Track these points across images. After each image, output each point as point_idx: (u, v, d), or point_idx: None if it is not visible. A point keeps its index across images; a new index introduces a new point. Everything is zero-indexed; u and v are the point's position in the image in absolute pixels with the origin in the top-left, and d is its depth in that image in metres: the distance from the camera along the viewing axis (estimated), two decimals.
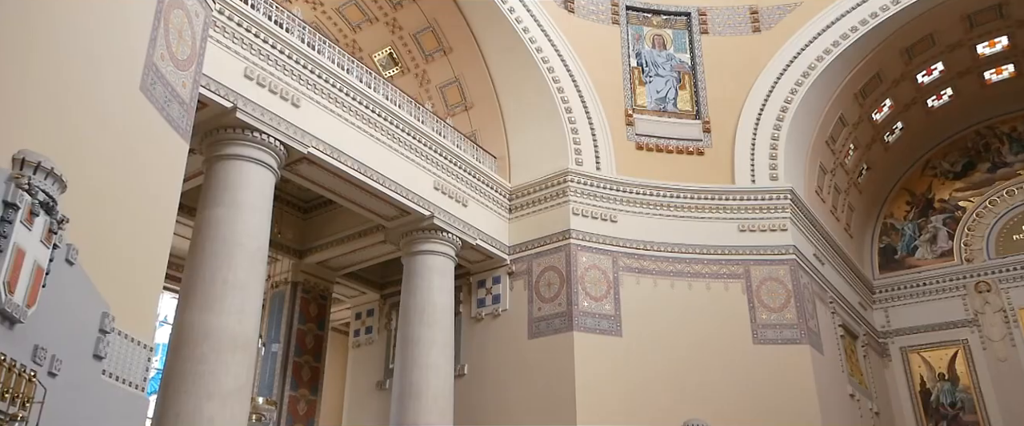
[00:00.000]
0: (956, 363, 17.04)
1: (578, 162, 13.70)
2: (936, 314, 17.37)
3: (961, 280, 17.28)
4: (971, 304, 17.04)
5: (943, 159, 18.30)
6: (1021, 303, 16.52)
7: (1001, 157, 17.59)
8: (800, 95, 14.39)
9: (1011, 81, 16.30)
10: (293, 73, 10.25)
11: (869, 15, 14.14)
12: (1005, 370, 16.36)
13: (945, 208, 18.04)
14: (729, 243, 13.84)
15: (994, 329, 16.61)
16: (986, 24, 14.65)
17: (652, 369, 12.75)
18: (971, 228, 17.55)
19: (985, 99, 16.90)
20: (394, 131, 11.79)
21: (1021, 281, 16.61)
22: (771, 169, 14.17)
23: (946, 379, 17.09)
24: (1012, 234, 17.07)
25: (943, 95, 16.74)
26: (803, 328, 13.29)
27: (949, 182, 18.14)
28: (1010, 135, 17.53)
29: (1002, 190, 17.40)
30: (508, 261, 13.67)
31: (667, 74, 15.09)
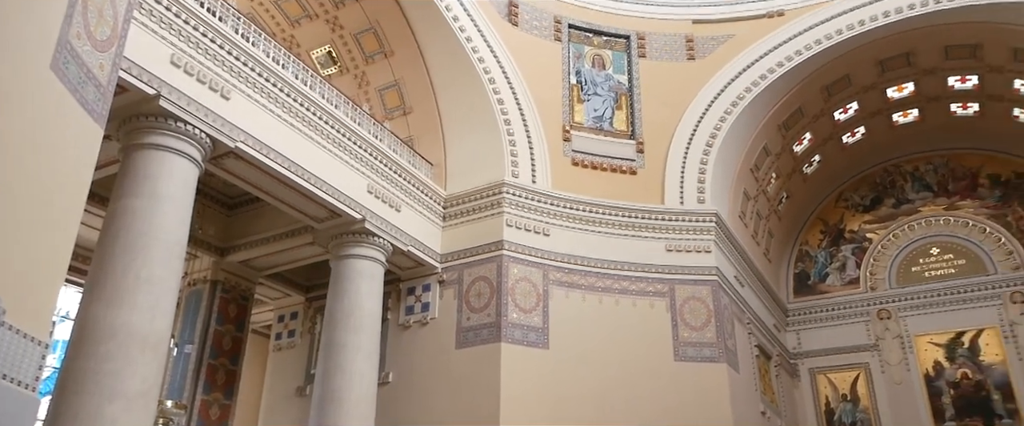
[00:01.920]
0: (858, 385, 17.60)
1: (514, 174, 13.46)
2: (842, 338, 17.90)
3: (865, 307, 17.90)
4: (873, 330, 17.66)
5: (854, 192, 18.97)
6: (916, 330, 17.19)
7: (904, 194, 18.39)
8: (729, 123, 14.64)
9: (916, 124, 17.05)
10: (224, 64, 9.60)
11: (794, 52, 14.51)
12: (900, 392, 16.99)
13: (854, 238, 18.71)
14: (656, 262, 13.86)
15: (892, 354, 17.26)
16: (896, 70, 15.24)
17: (577, 382, 12.52)
18: (876, 258, 18.26)
19: (893, 139, 17.62)
20: (329, 131, 11.23)
21: (917, 310, 17.31)
22: (699, 192, 14.32)
23: (848, 400, 17.62)
24: (911, 266, 17.84)
25: (857, 133, 17.33)
26: (722, 347, 13.40)
27: (859, 214, 18.81)
28: (913, 174, 18.35)
29: (904, 225, 18.19)
30: (439, 269, 13.25)
31: (605, 94, 15.09)
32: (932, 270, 17.57)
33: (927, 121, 16.84)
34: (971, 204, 17.49)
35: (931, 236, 17.76)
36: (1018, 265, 16.64)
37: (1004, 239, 16.94)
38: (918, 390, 16.87)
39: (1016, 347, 16.06)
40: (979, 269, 17.02)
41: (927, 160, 18.15)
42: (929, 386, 16.81)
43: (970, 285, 16.91)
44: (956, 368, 16.64)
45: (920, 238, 17.88)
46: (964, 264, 17.22)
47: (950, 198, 17.77)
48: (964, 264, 17.22)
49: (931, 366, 16.92)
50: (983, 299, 16.72)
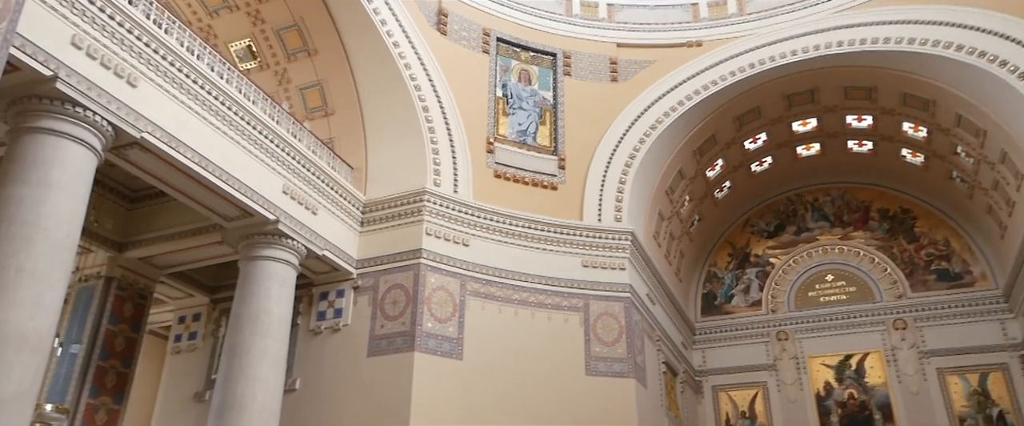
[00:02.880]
0: (756, 402, 18.19)
1: (436, 183, 13.22)
2: (744, 357, 18.43)
3: (766, 328, 18.54)
4: (772, 350, 18.31)
5: (760, 219, 19.69)
6: (811, 352, 17.92)
7: (805, 223, 19.23)
8: (647, 146, 14.92)
9: (817, 158, 17.89)
10: (133, 50, 8.95)
11: (710, 82, 14.96)
12: (793, 411, 17.64)
13: (758, 262, 19.42)
14: (572, 277, 13.89)
15: (788, 374, 17.93)
16: (801, 106, 15.94)
17: (490, 394, 12.31)
18: (777, 282, 19.01)
19: (796, 171, 18.42)
20: (244, 127, 10.65)
21: (812, 332, 18.06)
22: (616, 211, 14.50)
23: (747, 417, 18.17)
24: (808, 291, 18.64)
25: (764, 162, 18.01)
26: (631, 363, 13.54)
27: (763, 240, 19.52)
28: (813, 204, 19.23)
29: (803, 251, 19.02)
30: (355, 275, 12.80)
31: (530, 109, 15.11)
32: (826, 295, 18.41)
33: (827, 155, 17.70)
34: (863, 235, 18.49)
35: (827, 263, 18.64)
36: (901, 294, 17.66)
37: (889, 269, 17.96)
38: (810, 409, 17.55)
39: (896, 370, 16.99)
40: (867, 296, 17.96)
41: (826, 192, 19.05)
42: (820, 405, 17.52)
43: (859, 311, 17.80)
44: (844, 388, 17.42)
45: (817, 265, 18.73)
46: (855, 291, 18.14)
47: (845, 228, 18.70)
48: (855, 291, 18.14)
49: (822, 386, 17.64)
50: (870, 324, 17.60)
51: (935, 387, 16.59)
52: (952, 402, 16.41)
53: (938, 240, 17.76)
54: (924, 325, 17.11)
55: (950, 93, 13.64)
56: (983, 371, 16.36)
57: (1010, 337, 16.18)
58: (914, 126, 15.51)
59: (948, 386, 16.58)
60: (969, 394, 16.33)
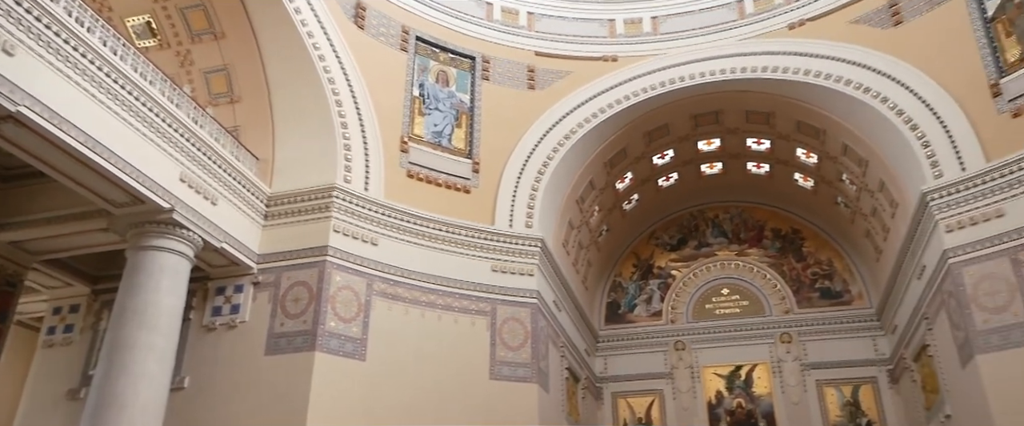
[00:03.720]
0: (652, 409, 18.67)
1: (347, 179, 12.78)
2: (643, 365, 18.85)
3: (665, 338, 19.04)
4: (669, 359, 18.84)
5: (664, 232, 20.24)
6: (705, 362, 18.53)
7: (705, 238, 19.96)
8: (560, 155, 15.04)
9: (720, 176, 18.58)
10: (11, 16, 8.08)
11: (623, 96, 15.21)
12: (687, 418, 18.16)
13: (661, 274, 19.97)
14: (481, 281, 13.77)
15: (683, 382, 18.49)
16: (707, 126, 16.50)
17: (393, 396, 11.97)
18: (678, 294, 19.61)
19: (700, 188, 19.06)
20: (139, 108, 9.87)
21: (707, 344, 18.69)
22: (528, 217, 14.52)
23: (643, 423, 18.61)
24: (705, 303, 19.32)
25: (671, 178, 18.54)
26: (535, 368, 13.56)
27: (667, 253, 20.09)
28: (713, 221, 19.98)
29: (703, 265, 19.71)
30: (255, 270, 12.15)
31: (446, 110, 14.92)
32: (722, 308, 19.14)
33: (728, 175, 18.42)
34: (757, 252, 19.37)
35: (724, 278, 19.39)
36: (788, 309, 18.59)
37: (779, 286, 18.90)
38: (701, 416, 18.13)
39: (781, 381, 17.83)
40: (759, 310, 18.80)
41: (726, 209, 19.81)
42: (711, 413, 18.15)
43: (750, 324, 18.59)
44: (733, 398, 18.12)
45: (715, 279, 19.47)
46: (747, 305, 18.95)
47: (741, 245, 19.52)
48: (747, 305, 18.95)
49: (714, 395, 18.29)
50: (759, 337, 18.38)
51: (814, 398, 17.51)
52: (828, 412, 17.37)
53: (823, 260, 18.82)
54: (807, 339, 18.03)
55: (839, 124, 14.50)
56: (856, 384, 17.41)
57: (880, 353, 17.30)
58: (806, 152, 16.39)
59: (825, 397, 17.54)
60: (843, 405, 17.34)
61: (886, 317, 16.83)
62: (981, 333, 11.27)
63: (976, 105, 12.26)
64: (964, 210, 11.98)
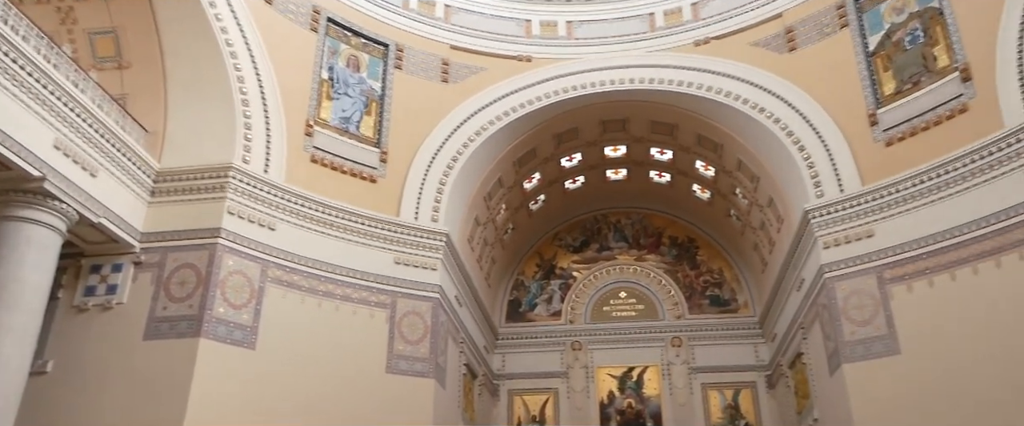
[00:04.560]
0: (546, 407, 18.95)
1: (245, 159, 12.19)
2: (541, 364, 19.07)
3: (563, 338, 19.37)
4: (566, 359, 19.17)
5: (568, 234, 20.59)
6: (600, 363, 18.97)
7: (607, 242, 20.47)
8: (470, 150, 15.00)
9: (624, 183, 19.06)
10: None
11: (536, 97, 15.34)
12: (579, 417, 18.50)
13: (562, 275, 20.30)
14: (383, 272, 13.51)
15: (578, 382, 18.87)
16: (614, 133, 16.90)
17: (284, 388, 11.54)
18: (578, 295, 20.01)
19: (605, 192, 19.48)
20: (8, 65, 8.96)
21: (603, 345, 19.14)
22: (434, 211, 14.38)
23: (537, 421, 18.84)
24: (603, 305, 19.82)
25: (577, 181, 18.86)
26: (433, 363, 13.44)
27: (569, 254, 20.45)
28: (615, 225, 20.51)
29: (603, 268, 20.20)
30: (137, 249, 11.38)
31: (356, 96, 14.54)
32: (619, 311, 19.69)
33: (632, 181, 18.95)
34: (655, 258, 20.06)
35: (622, 281, 19.96)
36: (680, 315, 19.34)
37: (673, 291, 19.65)
38: (593, 415, 18.55)
39: (669, 384, 18.53)
40: (653, 315, 19.46)
41: (627, 215, 20.37)
42: (602, 412, 18.61)
43: (644, 327, 19.20)
44: (625, 398, 18.66)
45: (613, 282, 20.00)
46: (643, 309, 19.58)
47: (640, 250, 20.15)
48: (643, 309, 19.58)
49: (606, 395, 18.76)
50: (652, 341, 18.99)
51: (699, 400, 18.27)
52: (710, 414, 18.20)
53: (714, 269, 19.72)
54: (696, 344, 18.80)
55: (735, 140, 15.25)
56: (737, 388, 18.31)
57: (760, 359, 18.27)
58: (705, 165, 17.13)
59: (709, 399, 18.35)
60: (724, 408, 18.20)
61: (767, 326, 17.82)
62: (848, 344, 12.09)
63: (856, 132, 13.16)
64: (840, 229, 12.81)
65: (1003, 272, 10.73)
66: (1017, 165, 10.87)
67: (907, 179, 12.11)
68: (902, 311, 11.72)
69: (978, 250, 11.07)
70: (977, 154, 11.30)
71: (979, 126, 11.38)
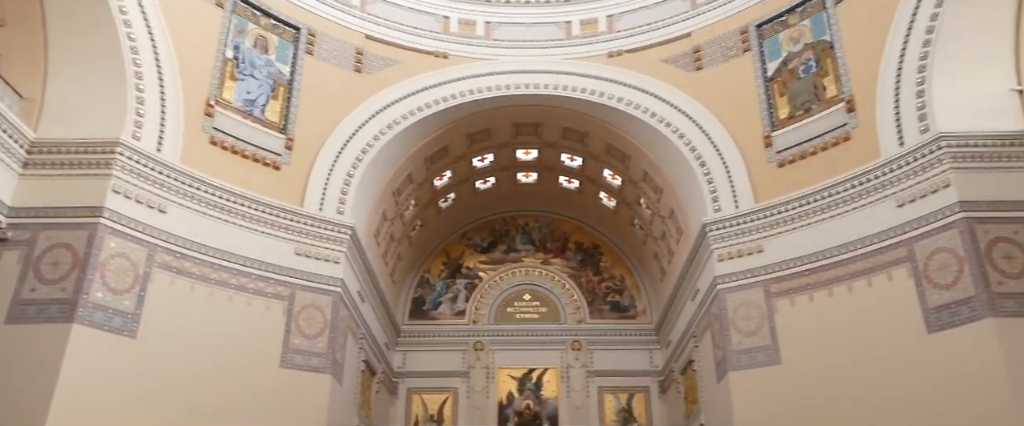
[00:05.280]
0: (445, 407, 18.92)
1: (136, 136, 11.44)
2: (442, 363, 19.00)
3: (466, 337, 19.40)
4: (467, 359, 19.20)
5: (476, 234, 20.62)
6: (501, 363, 19.08)
7: (514, 243, 20.64)
8: (381, 144, 14.72)
9: (534, 186, 19.26)
10: None
11: (451, 95, 15.24)
12: (477, 417, 18.55)
13: (469, 275, 20.30)
14: (283, 263, 13.02)
15: (478, 382, 18.95)
16: (527, 136, 17.04)
17: (167, 378, 10.93)
18: (483, 296, 20.09)
19: (515, 195, 19.65)
20: None
21: (505, 346, 19.26)
22: (340, 203, 14.04)
23: (435, 420, 18.76)
24: (507, 307, 19.99)
25: (488, 181, 18.91)
26: (330, 359, 13.09)
27: (476, 254, 20.48)
28: (524, 228, 20.71)
29: (509, 270, 20.37)
30: (3, 224, 10.44)
31: (263, 79, 13.97)
32: (522, 313, 19.92)
33: (542, 185, 19.21)
34: (560, 262, 20.43)
35: (527, 284, 20.21)
36: (581, 319, 19.79)
37: (576, 296, 20.08)
38: (491, 416, 18.67)
39: (568, 386, 18.92)
40: (555, 318, 19.81)
41: (536, 218, 20.64)
42: (500, 413, 18.76)
43: (546, 330, 19.50)
44: (523, 399, 18.89)
45: (519, 283, 20.22)
46: (546, 311, 19.90)
47: (546, 254, 20.45)
48: (546, 311, 19.90)
49: (506, 396, 18.93)
50: (553, 343, 19.32)
51: (594, 403, 18.74)
52: (605, 417, 18.72)
53: (616, 276, 20.30)
54: (594, 348, 19.27)
55: (642, 152, 15.78)
56: (631, 392, 18.91)
57: (654, 365, 18.95)
58: (613, 174, 17.62)
59: (604, 403, 18.86)
60: (618, 411, 18.76)
61: (663, 333, 18.52)
62: (735, 353, 12.73)
63: (752, 152, 13.89)
64: (733, 243, 13.47)
65: (873, 291, 11.58)
66: (889, 193, 11.80)
67: (794, 200, 12.88)
68: (785, 324, 12.43)
69: (853, 270, 11.89)
70: (855, 180, 12.18)
71: (860, 155, 12.28)
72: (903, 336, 11.00)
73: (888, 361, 11.04)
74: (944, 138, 11.17)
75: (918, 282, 11.07)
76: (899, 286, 11.28)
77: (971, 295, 10.42)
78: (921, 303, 10.96)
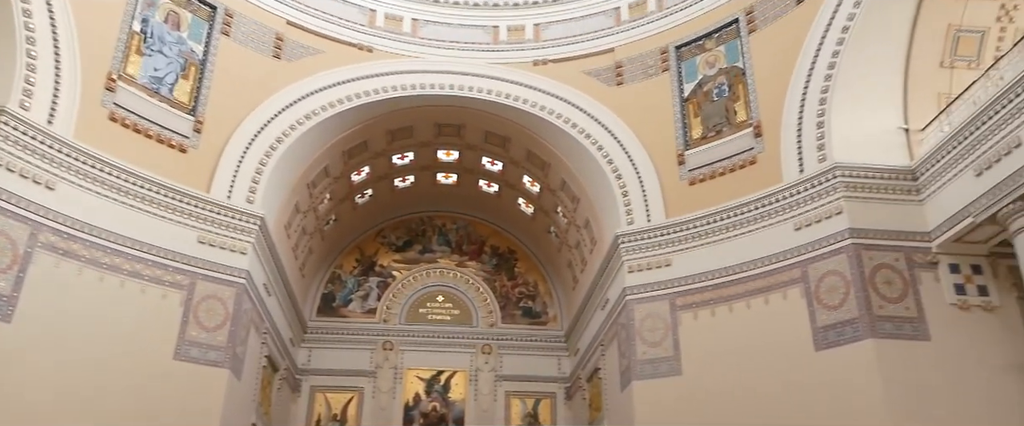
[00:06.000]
0: (350, 407, 18.56)
1: (24, 105, 10.63)
2: (349, 361, 18.63)
3: (375, 336, 19.09)
4: (376, 358, 18.91)
5: (393, 232, 20.35)
6: (409, 364, 18.89)
7: (430, 244, 20.51)
8: (297, 134, 14.29)
9: (453, 187, 19.18)
10: None
11: (373, 90, 15.01)
12: (382, 418, 18.30)
13: (382, 273, 20.00)
14: (183, 251, 12.44)
15: (385, 382, 18.68)
16: (449, 137, 17.00)
17: (43, 368, 10.31)
18: (395, 295, 19.84)
19: (434, 195, 19.53)
20: None
21: (415, 347, 19.06)
22: (250, 192, 13.53)
23: (338, 420, 18.38)
24: (420, 307, 19.83)
25: (407, 180, 18.71)
26: (230, 352, 12.58)
27: (391, 252, 20.19)
28: (441, 229, 20.60)
29: (424, 270, 20.22)
30: None
31: (173, 57, 13.28)
32: (434, 314, 19.81)
33: (461, 187, 19.17)
34: (475, 265, 20.44)
35: (441, 285, 20.13)
36: (493, 323, 19.85)
37: (490, 300, 20.14)
38: (396, 417, 18.47)
39: (476, 389, 18.94)
40: (467, 320, 19.80)
41: (453, 220, 20.58)
42: (406, 414, 18.59)
43: (457, 332, 19.46)
44: (430, 401, 18.79)
45: (433, 285, 20.11)
46: (458, 314, 19.86)
47: (462, 256, 20.42)
48: (458, 314, 19.86)
49: (412, 397, 18.77)
50: (463, 346, 19.28)
51: (501, 407, 18.84)
52: (511, 421, 18.85)
53: (530, 282, 20.50)
54: (504, 352, 19.38)
55: (561, 161, 16.05)
56: (537, 397, 19.11)
57: (562, 371, 19.23)
58: (532, 181, 17.80)
59: (511, 407, 18.99)
60: (524, 416, 18.93)
61: (572, 340, 18.86)
62: (639, 362, 13.13)
63: (666, 169, 14.38)
64: (644, 256, 13.89)
65: (769, 308, 12.21)
66: (788, 216, 12.49)
67: (703, 217, 13.41)
68: (687, 336, 12.89)
69: (752, 287, 12.49)
70: (759, 203, 12.83)
71: (764, 178, 12.95)
72: (794, 353, 11.63)
73: (780, 376, 11.64)
74: (839, 168, 11.94)
75: (810, 302, 11.75)
76: (793, 305, 11.94)
77: (855, 316, 11.17)
78: (811, 322, 11.64)
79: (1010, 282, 11.27)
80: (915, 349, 10.85)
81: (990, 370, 10.73)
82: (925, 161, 11.74)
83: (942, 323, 11.03)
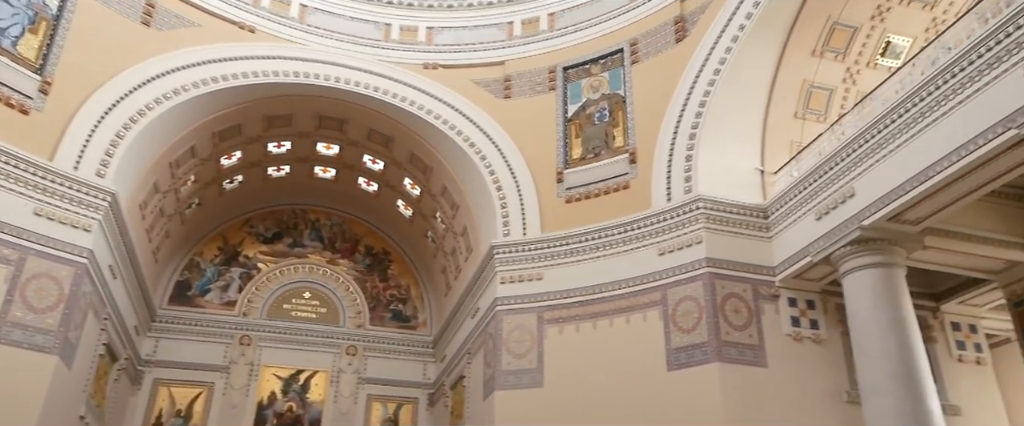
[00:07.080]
0: (196, 402, 17.55)
1: None
2: (200, 355, 17.64)
3: (232, 330, 18.19)
4: (230, 353, 18.02)
5: (261, 222, 19.53)
6: (267, 361, 18.15)
7: (301, 238, 19.83)
8: (162, 109, 13.39)
9: (330, 182, 18.73)
10: None
11: (251, 72, 14.41)
12: (232, 415, 17.49)
13: (246, 264, 19.11)
14: (14, 222, 11.33)
15: (239, 379, 17.84)
16: (330, 130, 16.59)
17: None
18: (258, 288, 19.04)
19: (309, 188, 18.98)
20: None
21: (275, 344, 18.36)
22: (102, 165, 12.52)
23: (182, 416, 17.32)
24: (284, 303, 19.12)
25: (282, 169, 18.08)
26: (61, 338, 11.54)
27: (258, 243, 19.36)
28: (314, 224, 19.99)
29: (292, 265, 19.53)
30: None
31: (19, 7, 11.86)
32: (299, 311, 19.18)
33: (340, 183, 18.75)
34: (347, 264, 20.02)
35: (309, 281, 19.54)
36: (361, 324, 19.50)
37: (359, 300, 19.78)
38: (248, 415, 17.67)
39: (336, 391, 18.50)
40: (334, 320, 19.32)
41: (328, 216, 20.06)
42: (259, 413, 17.83)
43: (322, 332, 18.91)
44: (286, 401, 18.13)
45: (300, 280, 19.49)
46: (325, 312, 19.35)
47: (334, 254, 19.92)
48: (325, 312, 19.35)
49: (268, 396, 18.04)
50: (327, 346, 18.78)
51: (361, 410, 18.49)
52: (370, 425, 18.62)
53: (403, 285, 20.35)
54: (370, 355, 19.05)
55: (445, 167, 16.13)
56: (400, 402, 18.93)
57: (427, 377, 19.17)
58: (413, 183, 17.73)
59: (372, 411, 18.69)
60: (384, 420, 18.68)
61: (440, 347, 18.88)
62: (503, 373, 13.38)
63: (545, 185, 14.82)
64: (517, 268, 14.20)
65: (630, 328, 12.84)
66: (654, 241, 13.23)
67: (575, 235, 13.91)
68: (552, 350, 13.29)
69: (616, 307, 13.10)
70: (627, 226, 13.50)
71: (635, 203, 13.66)
72: (649, 371, 12.30)
73: (635, 393, 12.25)
74: (701, 200, 12.82)
75: (666, 324, 12.49)
76: (651, 326, 12.63)
77: (705, 340, 11.98)
78: (666, 343, 12.36)
79: (837, 318, 12.51)
80: (754, 374, 11.76)
81: (816, 396, 11.84)
82: (776, 201, 12.84)
83: (778, 352, 12.05)
